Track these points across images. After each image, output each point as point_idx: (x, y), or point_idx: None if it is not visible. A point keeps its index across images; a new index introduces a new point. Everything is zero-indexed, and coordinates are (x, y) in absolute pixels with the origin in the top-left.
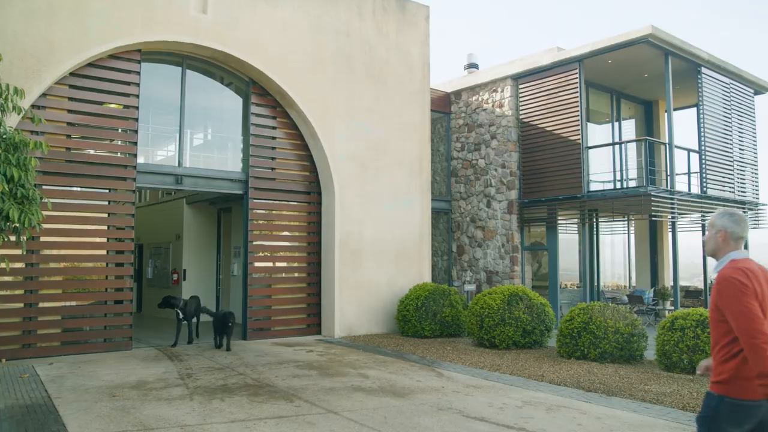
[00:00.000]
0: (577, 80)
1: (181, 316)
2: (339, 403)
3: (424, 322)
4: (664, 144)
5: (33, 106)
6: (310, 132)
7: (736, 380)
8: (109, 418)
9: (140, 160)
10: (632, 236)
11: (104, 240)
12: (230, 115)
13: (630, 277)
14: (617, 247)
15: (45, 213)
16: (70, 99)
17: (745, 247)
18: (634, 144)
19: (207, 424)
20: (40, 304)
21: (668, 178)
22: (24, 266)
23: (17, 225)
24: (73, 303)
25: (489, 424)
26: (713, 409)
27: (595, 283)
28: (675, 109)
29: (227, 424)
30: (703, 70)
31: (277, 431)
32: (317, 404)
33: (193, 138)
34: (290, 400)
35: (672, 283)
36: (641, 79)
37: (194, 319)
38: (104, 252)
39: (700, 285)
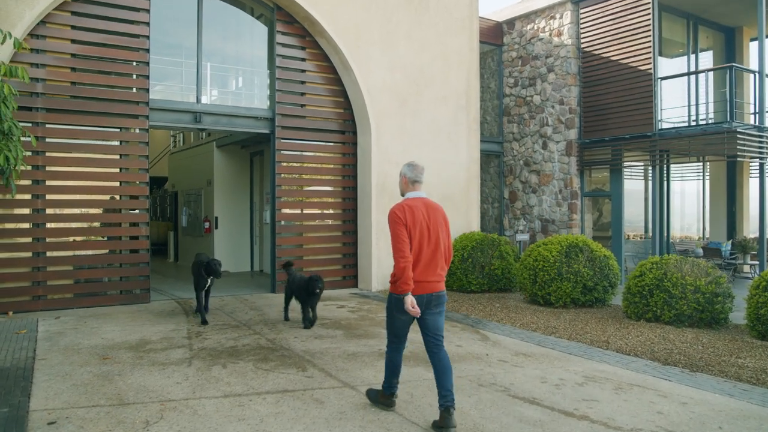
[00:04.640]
0: (650, 0)
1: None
2: (359, 373)
3: (471, 275)
4: (754, 72)
5: (30, 35)
6: (342, 63)
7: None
8: (85, 387)
9: (153, 96)
10: (707, 182)
11: (116, 184)
12: (254, 47)
13: (704, 228)
14: (687, 195)
15: (51, 154)
16: (73, 27)
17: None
18: (712, 78)
19: (194, 398)
20: (49, 254)
21: (756, 114)
22: (30, 212)
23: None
24: (87, 252)
25: (541, 409)
26: (389, 303)
27: (665, 234)
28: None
29: (218, 399)
30: None
31: (276, 411)
32: (333, 375)
33: (214, 73)
34: (303, 368)
35: (757, 235)
36: None
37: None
38: (117, 197)
39: None
